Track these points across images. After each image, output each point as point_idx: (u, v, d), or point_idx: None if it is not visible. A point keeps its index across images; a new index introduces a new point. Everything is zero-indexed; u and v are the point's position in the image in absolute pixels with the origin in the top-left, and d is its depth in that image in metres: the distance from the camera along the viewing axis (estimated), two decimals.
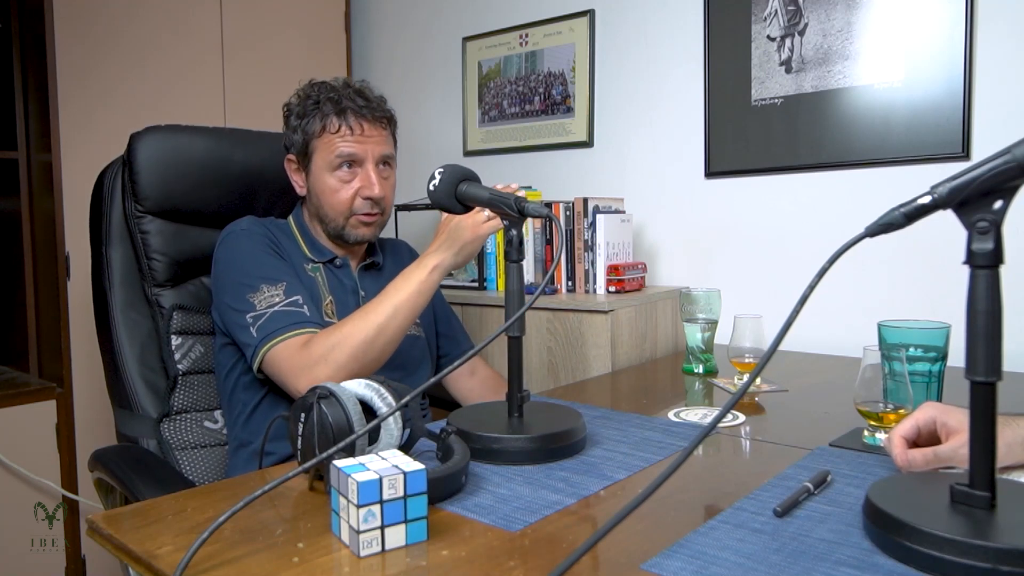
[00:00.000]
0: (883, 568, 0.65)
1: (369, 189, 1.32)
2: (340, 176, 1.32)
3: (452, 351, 1.56)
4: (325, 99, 1.31)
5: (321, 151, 1.32)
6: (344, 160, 1.31)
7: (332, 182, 1.32)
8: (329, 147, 1.31)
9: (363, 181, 1.32)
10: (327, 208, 1.33)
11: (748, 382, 0.66)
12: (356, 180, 1.32)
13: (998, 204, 0.64)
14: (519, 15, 2.37)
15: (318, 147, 1.32)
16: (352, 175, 1.32)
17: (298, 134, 1.33)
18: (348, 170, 1.32)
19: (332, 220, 1.34)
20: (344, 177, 1.32)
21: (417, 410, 0.90)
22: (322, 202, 1.33)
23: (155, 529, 0.76)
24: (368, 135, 1.32)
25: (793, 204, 1.88)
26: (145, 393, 1.36)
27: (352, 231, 1.34)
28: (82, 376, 2.01)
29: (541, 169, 2.35)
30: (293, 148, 1.36)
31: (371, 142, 1.33)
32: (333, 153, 1.31)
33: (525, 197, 1.01)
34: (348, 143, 1.31)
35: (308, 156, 1.34)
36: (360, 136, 1.31)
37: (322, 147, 1.32)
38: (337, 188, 1.32)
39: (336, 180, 1.32)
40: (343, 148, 1.31)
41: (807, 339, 1.77)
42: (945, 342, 1.06)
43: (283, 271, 1.27)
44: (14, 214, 2.13)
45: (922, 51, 1.67)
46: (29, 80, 2.08)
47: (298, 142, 1.34)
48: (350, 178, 1.32)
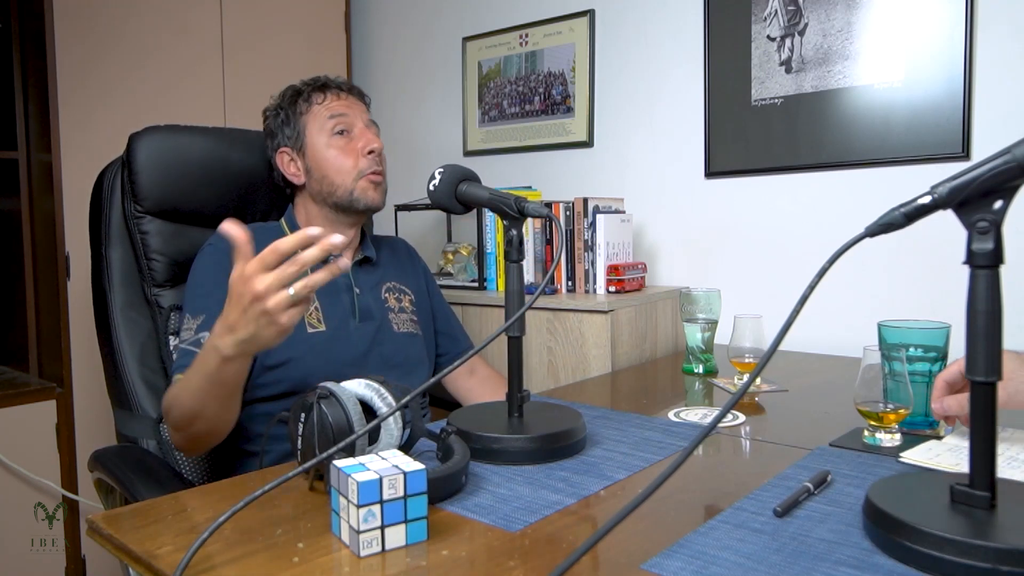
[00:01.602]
0: (883, 568, 0.65)
1: (370, 143, 1.36)
2: (338, 144, 1.36)
3: (451, 350, 1.55)
4: (302, 86, 1.39)
5: (313, 122, 1.37)
6: (337, 122, 1.36)
7: (333, 150, 1.36)
8: (320, 115, 1.37)
9: (361, 138, 1.37)
10: (334, 175, 1.35)
11: (748, 382, 0.66)
12: (354, 141, 1.37)
13: (998, 204, 0.64)
14: (519, 15, 2.37)
15: (308, 122, 1.37)
16: (348, 139, 1.37)
17: (287, 123, 1.38)
18: (343, 136, 1.36)
19: (341, 186, 1.35)
20: (341, 144, 1.36)
21: (417, 410, 0.90)
22: (327, 171, 1.35)
23: (155, 529, 0.76)
24: (352, 102, 1.40)
25: (793, 204, 1.88)
26: (145, 393, 1.36)
27: (362, 195, 1.36)
28: (82, 376, 2.01)
29: (541, 169, 2.35)
30: (284, 140, 1.39)
31: (356, 108, 1.39)
32: (326, 117, 1.36)
33: (524, 198, 1.01)
34: (339, 107, 1.37)
35: (301, 137, 1.37)
36: (346, 102, 1.38)
37: (312, 119, 1.37)
38: (339, 154, 1.35)
39: (336, 149, 1.36)
40: (335, 111, 1.36)
41: (807, 339, 1.77)
42: (945, 342, 1.05)
43: (211, 302, 1.22)
44: (14, 214, 2.13)
45: (922, 51, 1.67)
46: (29, 80, 2.09)
47: (287, 130, 1.38)
48: (347, 143, 1.36)
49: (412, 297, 1.46)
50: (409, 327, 1.41)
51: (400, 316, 1.40)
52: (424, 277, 1.54)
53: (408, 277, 1.49)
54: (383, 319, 1.37)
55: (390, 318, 1.38)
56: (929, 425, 1.06)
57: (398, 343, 1.37)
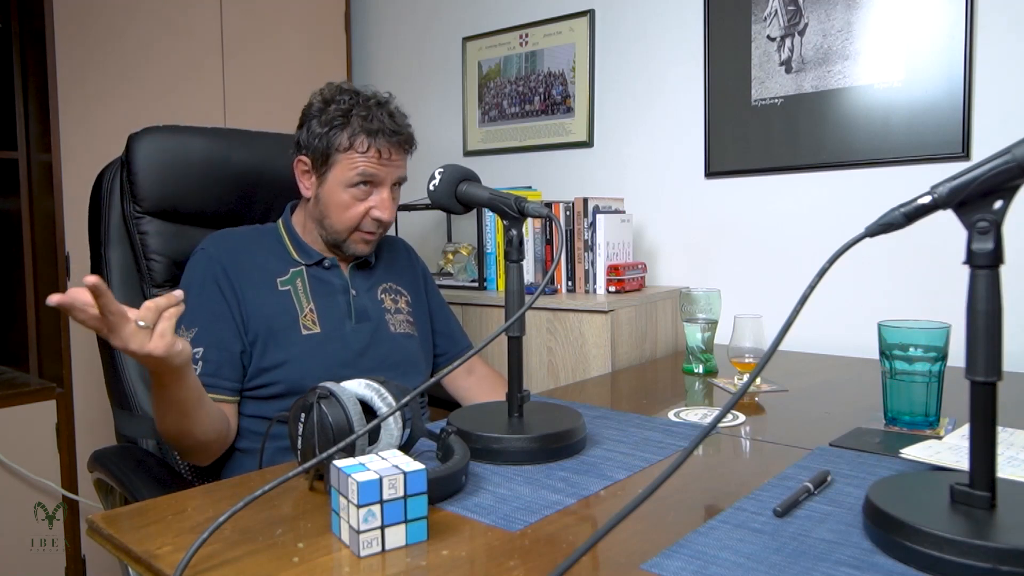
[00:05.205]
0: (883, 568, 0.65)
1: (381, 212, 1.31)
2: (354, 193, 1.30)
3: (450, 349, 1.55)
4: (357, 115, 1.28)
5: (342, 166, 1.29)
6: (364, 180, 1.29)
7: (345, 198, 1.30)
8: (351, 164, 1.29)
9: (376, 203, 1.31)
10: (333, 220, 1.32)
11: (748, 382, 0.66)
12: (370, 200, 1.31)
13: (998, 204, 0.64)
14: (519, 15, 2.37)
15: (340, 161, 1.29)
16: (366, 194, 1.31)
17: (321, 141, 1.29)
18: (363, 188, 1.30)
19: (335, 232, 1.33)
20: (358, 195, 1.30)
21: (417, 410, 0.90)
22: (330, 214, 1.32)
23: (155, 529, 0.76)
24: (393, 160, 1.31)
25: (793, 204, 1.88)
26: (144, 394, 1.36)
27: (352, 246, 1.34)
28: (82, 376, 2.01)
29: (541, 169, 2.35)
30: (308, 152, 1.32)
31: (393, 166, 1.32)
32: (355, 171, 1.29)
33: (524, 198, 1.01)
34: (372, 165, 1.29)
35: (326, 165, 1.31)
36: (386, 160, 1.30)
37: (344, 162, 1.29)
38: (349, 204, 1.30)
39: (349, 196, 1.30)
40: (366, 168, 1.29)
41: (807, 339, 1.77)
42: (945, 342, 1.06)
43: (202, 314, 1.25)
44: (14, 214, 2.13)
45: (922, 51, 1.67)
46: (29, 80, 2.08)
47: (318, 148, 1.30)
48: (364, 196, 1.31)
49: (409, 298, 1.46)
50: (405, 328, 1.41)
51: (396, 317, 1.40)
52: (422, 278, 1.54)
53: (405, 278, 1.48)
54: (379, 320, 1.37)
55: (386, 319, 1.38)
56: (929, 425, 1.06)
57: (394, 344, 1.37)
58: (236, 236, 1.36)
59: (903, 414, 1.07)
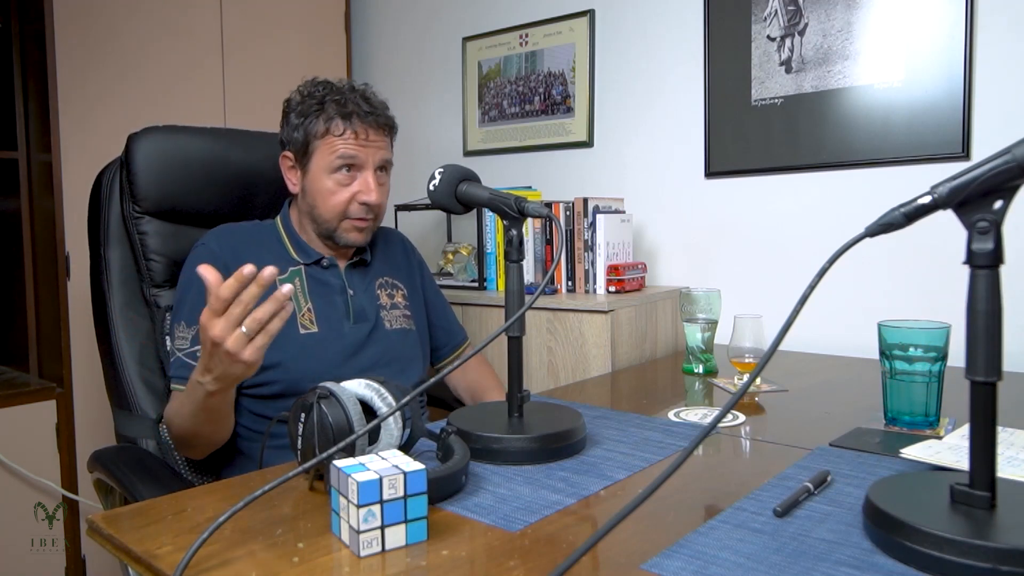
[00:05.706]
0: (883, 568, 0.65)
1: (367, 195, 1.31)
2: (338, 179, 1.30)
3: (448, 343, 1.56)
4: (330, 100, 1.30)
5: (322, 152, 1.30)
6: (344, 163, 1.30)
7: (329, 184, 1.30)
8: (330, 149, 1.30)
9: (361, 186, 1.31)
10: (321, 209, 1.32)
11: (748, 382, 0.66)
12: (354, 184, 1.31)
13: (998, 204, 0.64)
14: (519, 15, 2.37)
15: (319, 147, 1.30)
16: (350, 179, 1.31)
17: (299, 132, 1.31)
18: (347, 173, 1.30)
19: (325, 222, 1.33)
20: (342, 180, 1.31)
21: (417, 410, 0.90)
22: (317, 203, 1.32)
23: (155, 529, 0.75)
24: (371, 140, 1.31)
25: (793, 204, 1.88)
26: (144, 394, 1.36)
27: (344, 235, 1.34)
28: (82, 376, 2.01)
29: (541, 169, 2.35)
30: (291, 145, 1.34)
31: (373, 147, 1.31)
32: (334, 155, 1.29)
33: (524, 198, 1.01)
34: (351, 146, 1.29)
35: (307, 155, 1.32)
36: (364, 141, 1.30)
37: (323, 148, 1.30)
38: (334, 191, 1.30)
39: (333, 183, 1.30)
40: (345, 151, 1.29)
41: (807, 339, 1.77)
42: (945, 342, 1.06)
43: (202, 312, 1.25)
44: (14, 214, 2.13)
45: (922, 51, 1.67)
46: (29, 80, 2.08)
47: (298, 140, 1.32)
48: (348, 181, 1.31)
49: (404, 291, 1.46)
50: (402, 323, 1.41)
51: (392, 312, 1.40)
52: (419, 270, 1.54)
53: (400, 270, 1.48)
54: (377, 319, 1.37)
55: (382, 315, 1.38)
56: (929, 425, 1.06)
57: (390, 341, 1.37)
58: (237, 232, 1.36)
59: (903, 414, 1.07)
